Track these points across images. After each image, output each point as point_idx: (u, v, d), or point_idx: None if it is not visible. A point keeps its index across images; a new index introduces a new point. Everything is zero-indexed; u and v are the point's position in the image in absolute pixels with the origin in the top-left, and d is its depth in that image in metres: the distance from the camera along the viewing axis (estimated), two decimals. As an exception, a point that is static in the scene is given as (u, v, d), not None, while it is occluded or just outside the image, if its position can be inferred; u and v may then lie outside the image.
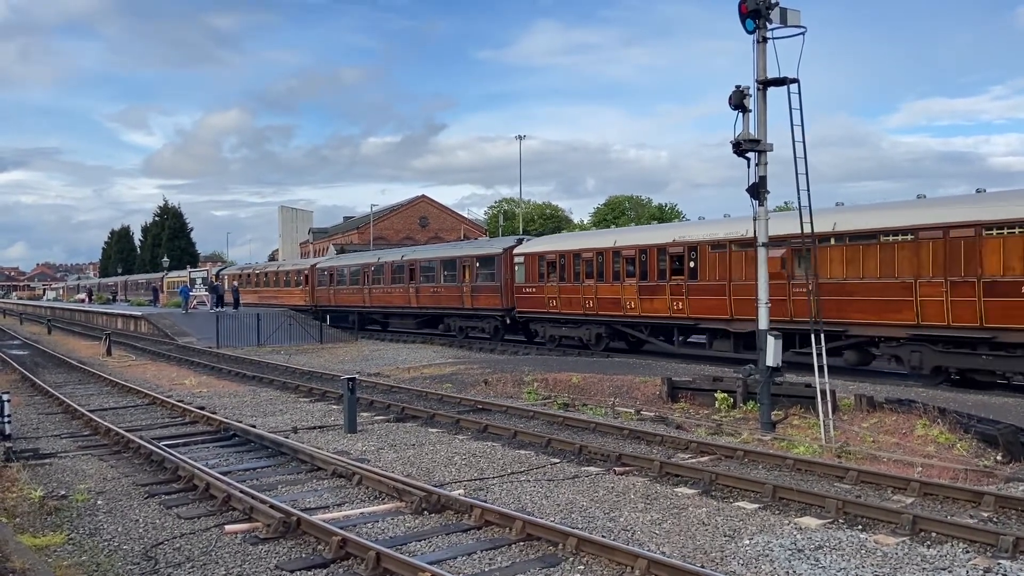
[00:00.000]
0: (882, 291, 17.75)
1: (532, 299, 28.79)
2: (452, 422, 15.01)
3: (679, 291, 22.96)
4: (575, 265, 26.82)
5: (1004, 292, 15.65)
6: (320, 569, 7.46)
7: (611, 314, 25.47)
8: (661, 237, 24.53)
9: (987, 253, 15.97)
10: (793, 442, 12.59)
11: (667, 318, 23.55)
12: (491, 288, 30.85)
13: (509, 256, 30.07)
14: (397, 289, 37.02)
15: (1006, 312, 15.62)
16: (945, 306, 16.63)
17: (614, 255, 25.41)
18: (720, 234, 22.13)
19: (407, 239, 78.74)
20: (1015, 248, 15.59)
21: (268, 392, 20.20)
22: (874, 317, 17.95)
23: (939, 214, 17.19)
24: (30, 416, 16.73)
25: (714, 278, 21.95)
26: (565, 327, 27.91)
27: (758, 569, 7.27)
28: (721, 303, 21.74)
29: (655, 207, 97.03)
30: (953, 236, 16.56)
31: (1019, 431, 11.65)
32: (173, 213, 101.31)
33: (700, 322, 22.82)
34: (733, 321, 21.37)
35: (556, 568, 7.35)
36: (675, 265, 23.34)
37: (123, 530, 8.73)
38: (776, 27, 13.58)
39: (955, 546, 7.79)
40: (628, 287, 24.70)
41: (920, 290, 17.11)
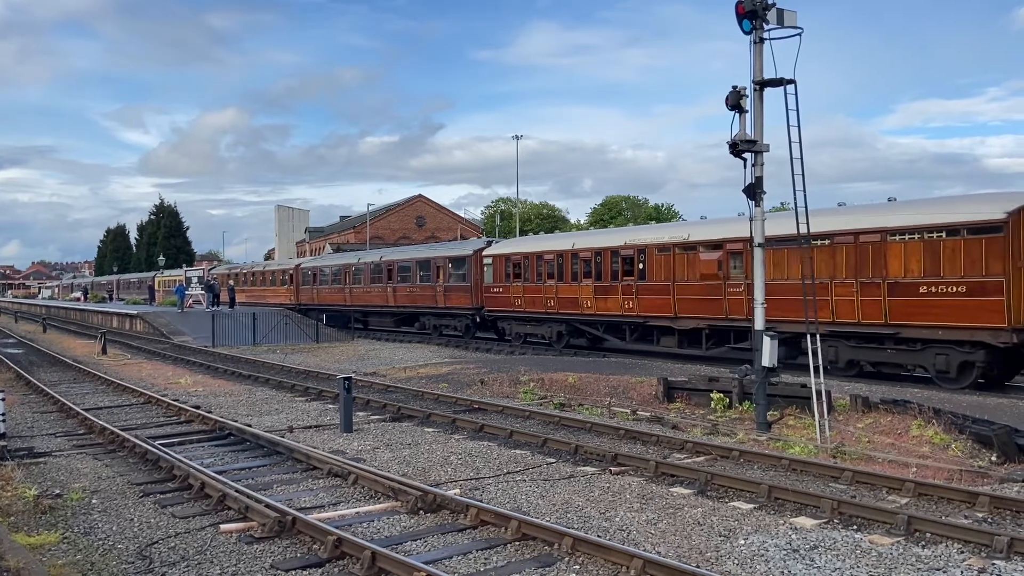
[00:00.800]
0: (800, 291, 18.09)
1: (499, 298, 30.21)
2: (448, 422, 15.01)
3: (629, 291, 24.53)
4: (538, 266, 28.35)
5: (905, 292, 17.31)
6: (315, 569, 7.45)
7: (570, 313, 26.96)
8: (614, 240, 26.14)
9: (891, 257, 17.58)
10: (789, 442, 12.61)
11: (619, 316, 25.02)
12: (462, 288, 32.40)
13: (478, 258, 31.55)
14: (376, 289, 38.60)
15: (906, 310, 17.22)
16: (856, 305, 18.16)
17: (572, 257, 26.94)
18: (665, 238, 23.82)
19: (403, 238, 78.74)
20: (914, 252, 17.27)
21: (264, 391, 20.17)
22: (798, 315, 18.02)
23: (851, 221, 18.74)
24: (25, 415, 16.69)
25: (660, 279, 23.54)
26: (529, 325, 29.30)
27: (753, 569, 7.28)
28: (667, 302, 23.26)
29: (652, 207, 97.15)
30: (863, 241, 18.13)
31: (1014, 432, 11.68)
32: (169, 212, 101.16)
33: (648, 320, 24.16)
34: (677, 319, 22.89)
35: (551, 568, 7.35)
36: (626, 267, 24.76)
37: (118, 529, 8.71)
38: (773, 28, 13.60)
39: (950, 546, 7.80)
40: (585, 287, 26.19)
41: (835, 290, 18.65)
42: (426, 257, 35.41)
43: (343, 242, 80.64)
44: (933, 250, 17.02)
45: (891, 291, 17.57)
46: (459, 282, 32.70)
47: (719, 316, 21.29)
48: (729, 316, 21.06)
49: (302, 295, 46.30)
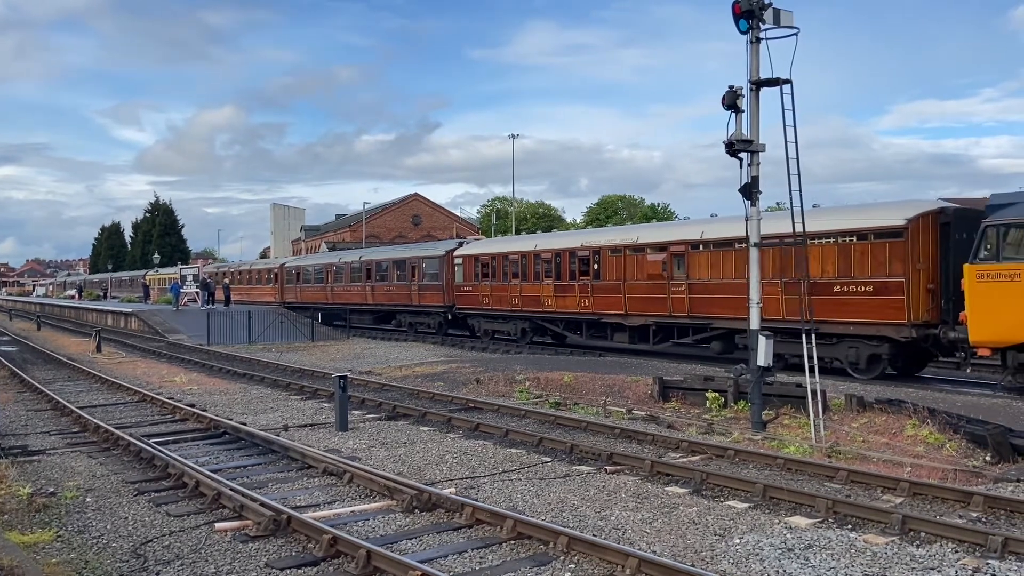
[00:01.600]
0: (736, 290, 19.93)
1: (469, 297, 31.63)
2: (444, 420, 15.00)
3: (585, 290, 25.88)
4: (504, 266, 29.76)
5: (822, 291, 18.50)
6: (310, 567, 7.44)
7: (533, 310, 28.35)
8: (572, 242, 27.65)
9: (811, 259, 18.43)
10: (784, 442, 12.63)
11: (577, 313, 26.40)
12: (435, 287, 33.85)
13: (450, 258, 32.96)
14: (355, 287, 40.09)
15: (823, 307, 18.22)
16: (780, 303, 19.37)
17: (535, 258, 28.33)
18: (617, 240, 25.27)
19: (399, 237, 78.65)
20: (829, 255, 18.81)
21: (259, 390, 20.14)
22: (732, 312, 20.46)
23: (776, 226, 19.59)
24: (19, 413, 16.64)
25: (612, 279, 24.90)
26: (496, 322, 30.67)
27: (748, 568, 7.29)
28: (618, 300, 24.58)
29: (648, 207, 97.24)
30: (787, 244, 18.91)
31: (1008, 432, 11.71)
32: (164, 210, 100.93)
33: (602, 317, 25.39)
34: (628, 316, 24.27)
35: (547, 567, 7.35)
36: (583, 267, 26.15)
37: (112, 528, 8.69)
38: (769, 28, 13.62)
39: (944, 546, 7.82)
40: (546, 286, 27.59)
41: (764, 290, 18.55)
42: (402, 257, 36.91)
43: (339, 241, 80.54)
44: (845, 253, 18.47)
45: (810, 290, 17.83)
46: (432, 281, 34.10)
47: (664, 313, 22.89)
48: (672, 313, 22.67)
49: (287, 293, 47.77)
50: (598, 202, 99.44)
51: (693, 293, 22.04)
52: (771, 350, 13.93)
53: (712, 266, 21.63)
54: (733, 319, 20.47)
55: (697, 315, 21.94)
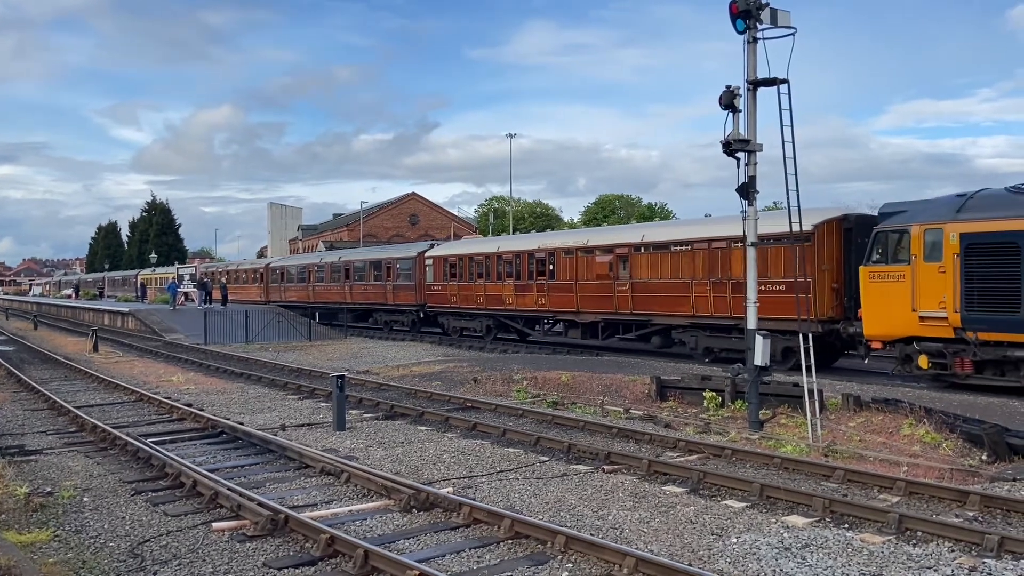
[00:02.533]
0: (672, 289, 22.49)
1: (439, 296, 33.41)
2: (441, 420, 15.00)
3: (542, 289, 27.60)
4: (470, 267, 31.46)
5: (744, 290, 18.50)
6: (308, 567, 7.44)
7: (496, 308, 29.97)
8: (530, 244, 29.41)
9: (734, 261, 20.49)
10: (781, 441, 12.65)
11: (534, 311, 28.21)
12: (408, 287, 35.67)
13: (421, 259, 34.70)
14: (335, 287, 42.04)
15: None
16: (709, 301, 21.38)
17: (497, 259, 30.02)
18: (570, 243, 26.98)
19: (397, 236, 78.62)
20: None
21: (256, 389, 20.13)
22: (668, 309, 22.72)
23: (706, 230, 22.01)
24: (15, 412, 16.62)
25: (566, 279, 26.50)
26: (464, 319, 32.31)
27: (745, 567, 7.31)
28: (571, 299, 26.15)
29: (645, 206, 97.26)
30: (714, 247, 21.43)
31: (1004, 431, 11.74)
32: (161, 209, 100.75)
33: (557, 314, 27.33)
34: (580, 313, 25.87)
35: (544, 566, 7.35)
36: (540, 268, 27.89)
37: (109, 527, 8.69)
38: (766, 27, 13.64)
39: (941, 545, 7.84)
40: (507, 285, 29.23)
41: (695, 288, 21.91)
42: (378, 258, 38.75)
43: (336, 240, 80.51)
44: (763, 255, 19.33)
45: (735, 289, 20.50)
46: (405, 281, 35.81)
47: (611, 311, 24.61)
48: (618, 311, 24.37)
49: (271, 293, 49.58)
50: (596, 201, 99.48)
51: (635, 292, 23.78)
52: (768, 350, 13.96)
53: (651, 267, 23.43)
54: (669, 315, 22.63)
55: (639, 312, 23.69)
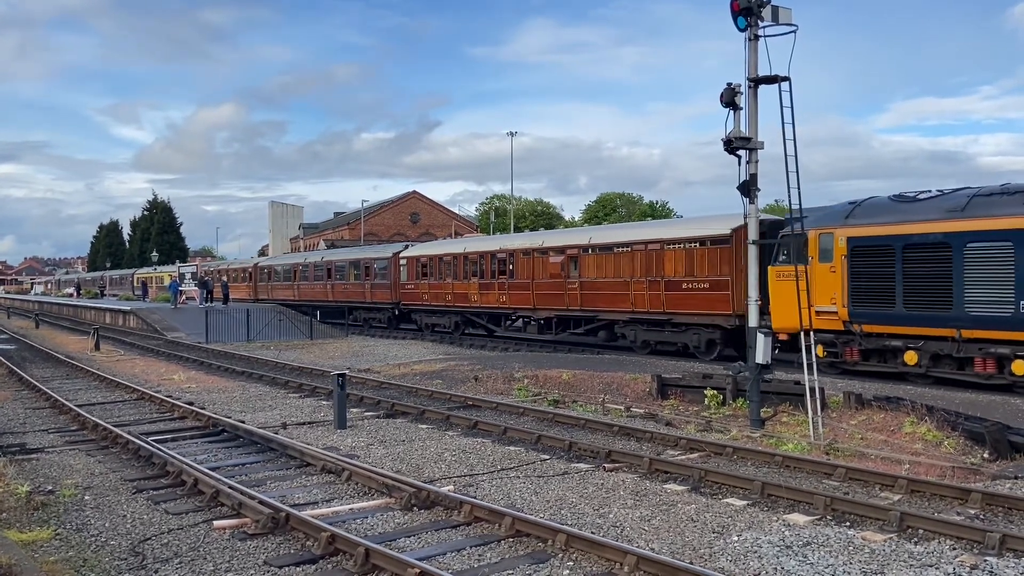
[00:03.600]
0: (614, 287, 24.62)
1: (412, 294, 35.59)
2: (442, 418, 15.00)
3: (503, 287, 29.59)
4: (439, 267, 33.54)
5: (674, 288, 22.73)
6: (309, 565, 7.44)
7: (463, 305, 32.05)
8: (492, 245, 31.64)
9: (667, 261, 22.97)
10: (782, 439, 12.64)
11: (497, 308, 30.16)
12: (384, 285, 37.68)
13: (396, 259, 36.85)
14: (318, 285, 44.12)
15: (676, 301, 22.63)
16: (646, 298, 23.54)
17: (464, 259, 32.01)
18: (528, 244, 29.11)
19: (398, 235, 78.55)
20: (680, 258, 22.69)
21: (257, 388, 20.13)
22: (612, 306, 24.78)
23: (643, 233, 24.62)
24: (17, 411, 16.63)
25: (524, 278, 28.60)
26: (434, 316, 34.41)
27: (746, 565, 7.30)
28: (528, 297, 28.33)
29: (646, 204, 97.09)
30: (650, 249, 23.61)
31: (1006, 429, 11.73)
32: (162, 208, 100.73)
33: (517, 311, 29.39)
34: (536, 310, 28.12)
35: (545, 564, 7.35)
36: (501, 267, 29.85)
37: (111, 526, 8.69)
38: (767, 25, 13.60)
39: (942, 543, 7.83)
40: (473, 284, 31.30)
41: (633, 286, 24.00)
42: (357, 258, 41.03)
43: (337, 238, 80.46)
44: (690, 256, 22.30)
45: (667, 287, 22.98)
46: (382, 280, 37.86)
47: (563, 307, 26.75)
48: (569, 307, 26.46)
49: (260, 291, 51.71)
50: (597, 200, 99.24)
51: (584, 290, 25.84)
52: (769, 348, 13.94)
53: (598, 267, 25.45)
54: (613, 311, 24.77)
55: (587, 308, 25.76)
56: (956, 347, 15.97)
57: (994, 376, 15.69)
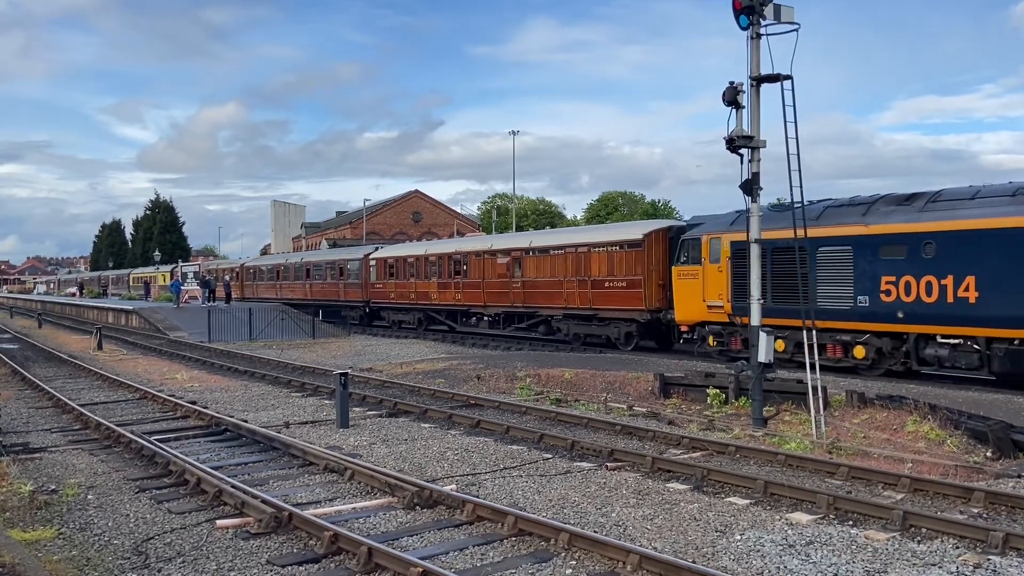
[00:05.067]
0: (551, 286, 27.32)
1: (380, 293, 38.41)
2: (445, 417, 15.00)
3: (459, 286, 32.31)
4: (404, 267, 36.26)
5: (598, 286, 25.46)
6: (312, 564, 7.44)
7: (425, 303, 34.85)
8: (449, 248, 34.81)
9: (592, 262, 25.65)
10: (784, 438, 12.63)
11: (453, 305, 32.87)
12: (356, 285, 40.30)
13: (367, 260, 39.57)
14: (298, 284, 47.14)
15: (600, 298, 25.40)
16: (576, 295, 26.15)
17: (425, 260, 34.69)
18: (479, 247, 31.95)
19: (400, 234, 78.59)
20: (603, 259, 25.35)
21: (260, 387, 20.14)
22: (549, 303, 27.59)
23: (573, 238, 27.81)
24: (20, 410, 16.65)
25: (476, 277, 31.21)
26: (400, 313, 37.29)
27: (749, 564, 7.29)
28: (479, 295, 30.95)
29: (648, 203, 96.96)
30: (579, 251, 26.35)
31: (1009, 427, 11.71)
32: (164, 207, 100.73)
33: (470, 308, 31.91)
34: (486, 307, 30.77)
35: (548, 563, 7.35)
36: (457, 268, 32.54)
37: (114, 525, 8.70)
38: (770, 23, 13.60)
39: (945, 542, 7.82)
40: (433, 283, 34.03)
41: (566, 285, 26.69)
42: (332, 260, 43.84)
43: (339, 237, 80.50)
44: (611, 258, 25.07)
45: (592, 286, 25.64)
46: (355, 279, 40.43)
47: (509, 304, 29.37)
48: (513, 304, 29.11)
49: (246, 290, 54.44)
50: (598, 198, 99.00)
51: (526, 288, 28.52)
52: (772, 346, 13.93)
53: (537, 268, 28.12)
54: (550, 308, 27.59)
55: (529, 305, 28.50)
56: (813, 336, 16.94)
57: (841, 359, 18.10)
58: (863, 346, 17.65)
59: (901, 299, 16.59)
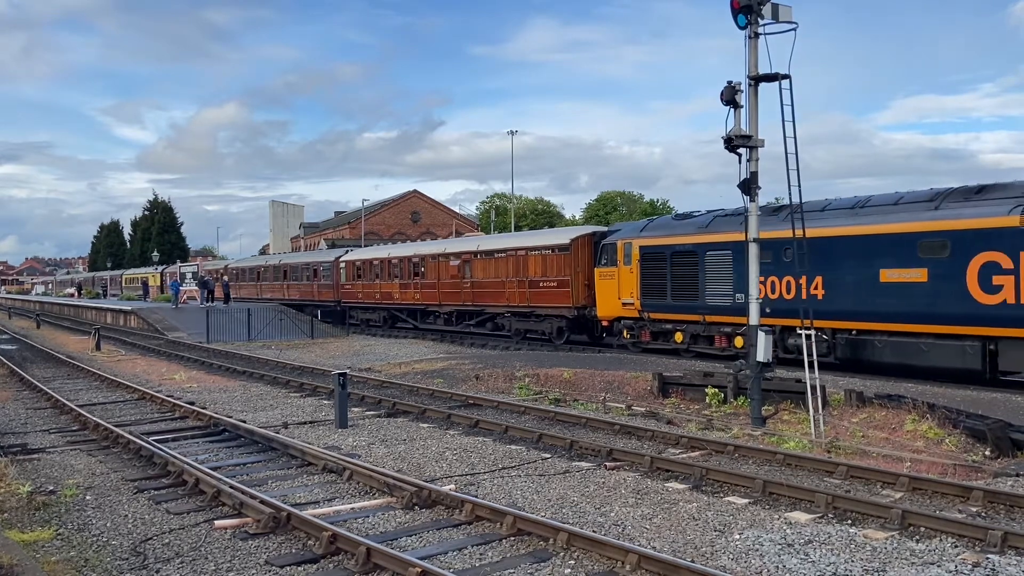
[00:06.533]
0: (496, 286, 29.98)
1: (350, 293, 40.96)
2: (443, 417, 14.99)
3: (417, 287, 35.07)
4: (371, 269, 38.89)
5: (535, 286, 28.13)
6: (310, 564, 7.44)
7: (389, 303, 37.58)
8: (409, 251, 37.34)
9: (530, 264, 28.32)
10: (783, 437, 12.63)
11: (413, 304, 35.64)
12: (329, 285, 42.86)
13: (337, 263, 42.17)
14: (276, 285, 49.75)
15: (536, 297, 28.07)
16: (517, 294, 28.79)
17: (389, 263, 37.32)
18: (435, 250, 34.72)
19: (398, 234, 78.56)
20: (538, 262, 28.02)
21: (258, 387, 20.13)
22: (494, 301, 30.18)
23: (514, 242, 30.36)
24: (18, 411, 16.63)
25: (432, 279, 34.01)
26: (367, 312, 39.74)
27: (748, 563, 7.29)
28: (435, 294, 33.73)
29: (647, 203, 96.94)
30: (519, 255, 28.98)
31: (1007, 426, 11.72)
32: (163, 207, 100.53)
33: (428, 307, 34.49)
34: (442, 305, 33.48)
35: (547, 563, 7.34)
36: (416, 270, 35.26)
37: (112, 525, 8.69)
38: (768, 23, 13.59)
39: (944, 541, 7.82)
40: (395, 284, 36.74)
41: (507, 285, 29.33)
42: (307, 262, 46.90)
43: (338, 237, 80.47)
44: (545, 261, 27.77)
45: (530, 286, 28.28)
46: (327, 281, 43.02)
47: (460, 303, 32.19)
48: (464, 303, 31.86)
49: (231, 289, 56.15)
50: (597, 198, 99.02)
51: (475, 288, 31.13)
52: (771, 345, 13.92)
53: (484, 269, 30.66)
54: (495, 306, 30.18)
55: (477, 304, 31.09)
56: (703, 328, 21.05)
57: (727, 348, 20.36)
58: (742, 337, 19.24)
59: (768, 296, 18.37)
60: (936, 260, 15.95)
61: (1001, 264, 15.13)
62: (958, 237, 15.76)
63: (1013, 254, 14.94)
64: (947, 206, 16.29)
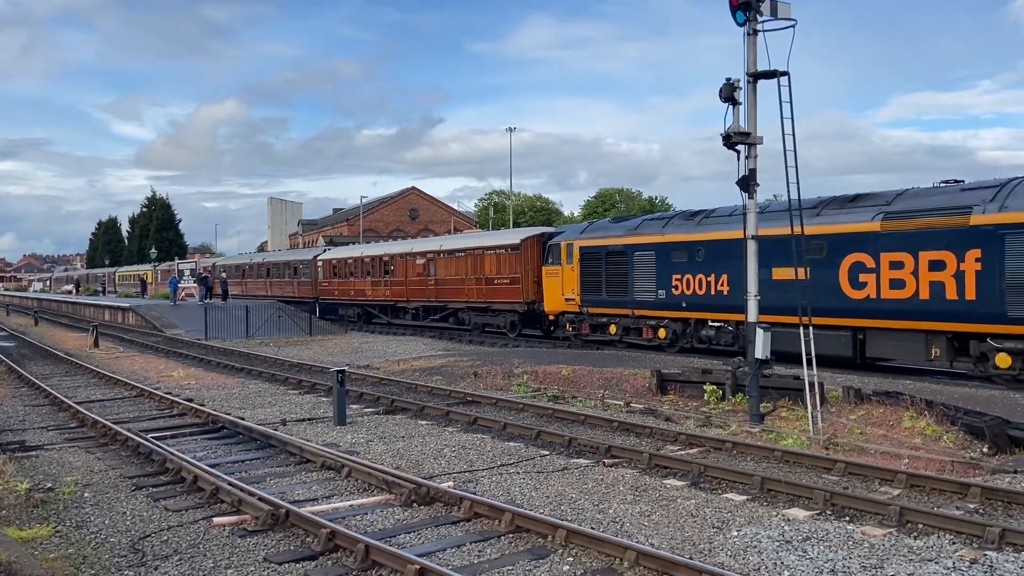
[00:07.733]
0: (457, 283, 32.11)
1: (327, 290, 43.13)
2: (442, 414, 14.99)
3: (388, 284, 37.11)
4: (346, 268, 41.02)
5: (490, 283, 30.14)
6: (309, 561, 7.44)
7: (362, 299, 39.74)
8: (381, 251, 39.26)
9: (486, 263, 30.34)
10: (781, 434, 12.64)
11: (384, 300, 37.81)
12: (307, 283, 45.12)
13: (315, 261, 44.49)
14: (260, 282, 52.24)
15: (491, 293, 30.09)
16: (475, 290, 30.86)
17: (362, 261, 39.43)
18: (404, 250, 36.58)
19: (397, 231, 78.50)
20: (493, 260, 30.02)
21: (257, 384, 20.12)
22: (455, 297, 32.36)
23: (472, 242, 32.26)
24: (16, 408, 16.62)
25: (400, 276, 36.08)
26: (344, 308, 41.91)
27: (746, 560, 7.30)
28: (403, 291, 35.85)
29: (645, 200, 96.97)
30: (476, 254, 31.00)
31: (1005, 423, 11.73)
32: (161, 204, 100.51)
33: (397, 303, 36.73)
34: (409, 301, 35.66)
35: (545, 560, 7.35)
36: (387, 268, 37.31)
37: (110, 523, 8.69)
38: (766, 20, 13.57)
39: (942, 537, 7.84)
40: (367, 281, 38.79)
41: (467, 283, 31.46)
42: (287, 260, 49.45)
43: (336, 235, 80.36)
44: (499, 259, 29.76)
45: (487, 283, 30.27)
46: (306, 278, 45.17)
47: (426, 299, 34.41)
48: (430, 300, 34.10)
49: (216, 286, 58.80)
50: (596, 195, 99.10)
51: (438, 286, 33.29)
52: (769, 343, 13.92)
53: (446, 268, 32.74)
54: (456, 301, 32.25)
55: (441, 300, 33.31)
56: (632, 321, 23.44)
57: (652, 339, 22.81)
58: (664, 329, 22.44)
59: (684, 292, 21.30)
60: (816, 260, 17.54)
61: (866, 264, 17.34)
62: (833, 240, 17.91)
63: (875, 255, 17.16)
64: (826, 213, 18.39)
